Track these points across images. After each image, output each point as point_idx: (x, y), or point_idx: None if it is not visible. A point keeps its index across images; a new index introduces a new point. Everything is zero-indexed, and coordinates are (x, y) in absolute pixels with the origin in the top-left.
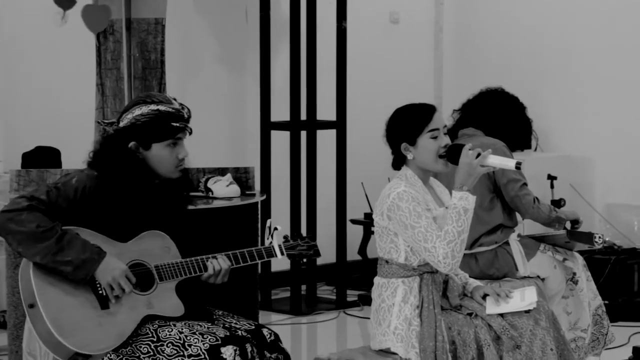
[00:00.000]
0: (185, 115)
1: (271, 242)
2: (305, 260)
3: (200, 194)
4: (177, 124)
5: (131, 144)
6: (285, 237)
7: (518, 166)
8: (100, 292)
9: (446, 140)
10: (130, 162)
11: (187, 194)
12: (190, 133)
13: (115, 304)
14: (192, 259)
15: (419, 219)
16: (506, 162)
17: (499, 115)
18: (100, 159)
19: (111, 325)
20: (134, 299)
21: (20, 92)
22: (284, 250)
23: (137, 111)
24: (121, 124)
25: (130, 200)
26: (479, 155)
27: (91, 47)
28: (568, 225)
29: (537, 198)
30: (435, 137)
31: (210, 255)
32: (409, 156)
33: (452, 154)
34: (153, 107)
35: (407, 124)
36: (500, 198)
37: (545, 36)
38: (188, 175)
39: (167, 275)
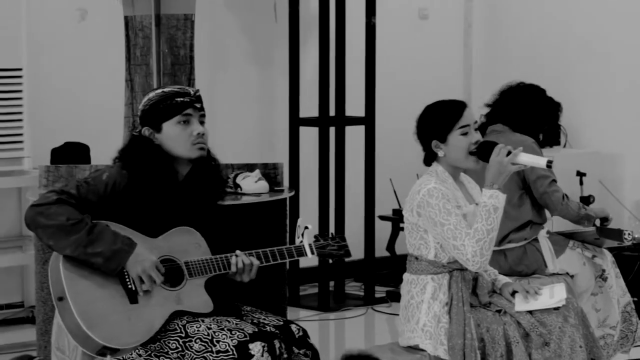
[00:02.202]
0: (191, 92)
1: (302, 241)
2: (335, 259)
3: (228, 189)
4: (183, 99)
5: (144, 129)
6: (315, 236)
7: (549, 164)
8: (130, 286)
9: (477, 136)
10: (149, 152)
11: (218, 189)
12: (201, 110)
13: (144, 298)
14: (222, 255)
15: (448, 216)
16: (537, 161)
17: (526, 111)
18: (126, 155)
19: (140, 319)
20: (163, 294)
21: (49, 88)
22: (314, 250)
23: (145, 98)
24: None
25: (161, 196)
26: (509, 153)
27: (120, 42)
28: (597, 222)
29: (566, 195)
30: (465, 134)
31: (232, 254)
32: (440, 153)
33: (482, 152)
34: (158, 90)
35: (438, 120)
36: (530, 194)
37: (576, 31)
38: (219, 171)
39: (197, 271)
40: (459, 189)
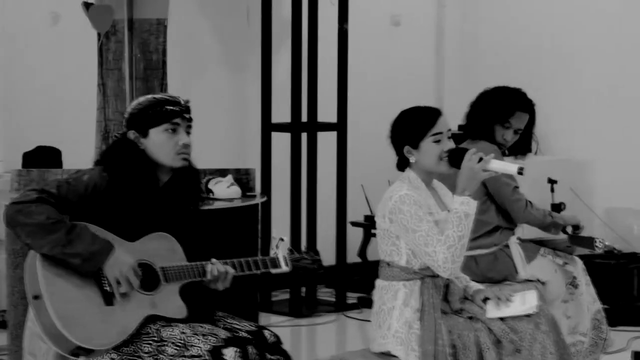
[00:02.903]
0: (182, 102)
1: (276, 253)
2: (308, 273)
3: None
4: (172, 107)
5: (130, 133)
6: (290, 249)
7: (520, 172)
8: (106, 288)
9: (450, 144)
10: (132, 156)
11: (197, 197)
12: (189, 121)
13: (119, 301)
14: (198, 263)
15: (420, 222)
16: (508, 168)
17: (476, 107)
18: (108, 157)
19: (114, 321)
20: (139, 298)
21: (21, 92)
22: (289, 262)
23: (135, 102)
24: (124, 121)
25: (140, 201)
26: (480, 159)
27: (93, 47)
28: (569, 229)
29: (529, 202)
30: (438, 141)
31: (209, 261)
32: (412, 159)
33: (454, 158)
34: (149, 96)
35: (411, 126)
36: (494, 200)
37: (547, 39)
38: (198, 176)
39: (173, 277)
40: (431, 196)
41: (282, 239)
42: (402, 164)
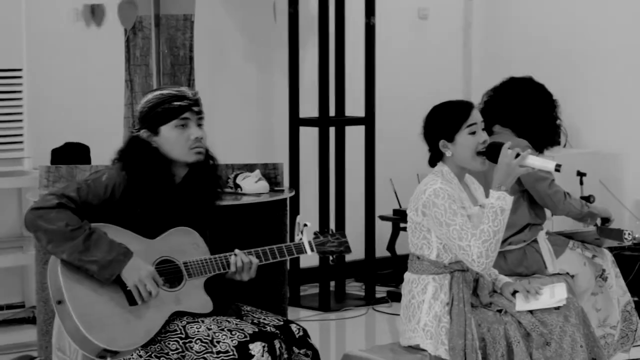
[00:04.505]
0: (190, 95)
1: (301, 239)
2: (335, 256)
3: (229, 190)
4: (181, 103)
5: (142, 132)
6: (315, 233)
7: (558, 168)
8: (129, 288)
9: (484, 136)
10: (146, 154)
11: (216, 189)
12: (199, 113)
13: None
14: (220, 255)
15: (454, 216)
16: (546, 164)
17: (525, 111)
18: (124, 156)
19: (139, 321)
20: (163, 295)
21: (49, 88)
22: (314, 247)
23: (143, 100)
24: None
25: (159, 197)
26: (518, 155)
27: (120, 43)
28: (598, 221)
29: (567, 193)
30: (473, 133)
31: (232, 253)
32: (447, 153)
33: (491, 153)
34: (157, 92)
35: (446, 120)
36: (527, 197)
37: (576, 31)
38: (217, 171)
39: (196, 271)
40: (463, 191)
41: (306, 224)
42: (435, 160)
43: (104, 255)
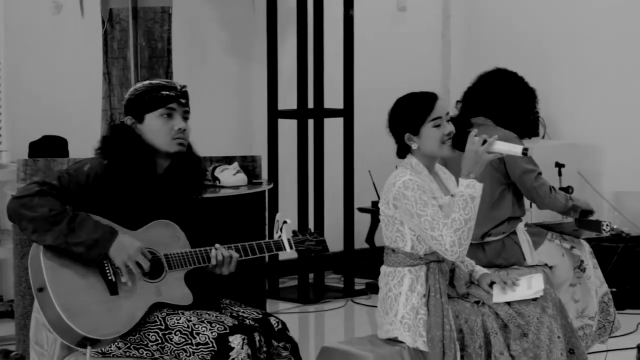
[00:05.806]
0: (178, 87)
1: (280, 236)
2: (313, 255)
3: (207, 182)
4: (168, 92)
5: (127, 119)
6: (294, 231)
7: (525, 152)
8: (110, 277)
9: (449, 127)
10: (129, 141)
11: (198, 184)
12: (185, 106)
13: (124, 290)
14: (201, 249)
15: (425, 207)
16: (513, 148)
17: (501, 98)
18: (107, 143)
19: (120, 311)
20: (143, 286)
21: (27, 82)
22: (292, 245)
23: (132, 88)
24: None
25: (139, 188)
26: (485, 142)
27: (97, 36)
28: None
29: (553, 187)
30: (438, 126)
31: (212, 247)
32: (413, 146)
33: (458, 141)
34: (146, 82)
35: (409, 114)
36: (512, 190)
37: (554, 23)
38: (200, 164)
39: (176, 264)
40: (434, 181)
41: (285, 222)
42: (403, 151)
43: (90, 234)
